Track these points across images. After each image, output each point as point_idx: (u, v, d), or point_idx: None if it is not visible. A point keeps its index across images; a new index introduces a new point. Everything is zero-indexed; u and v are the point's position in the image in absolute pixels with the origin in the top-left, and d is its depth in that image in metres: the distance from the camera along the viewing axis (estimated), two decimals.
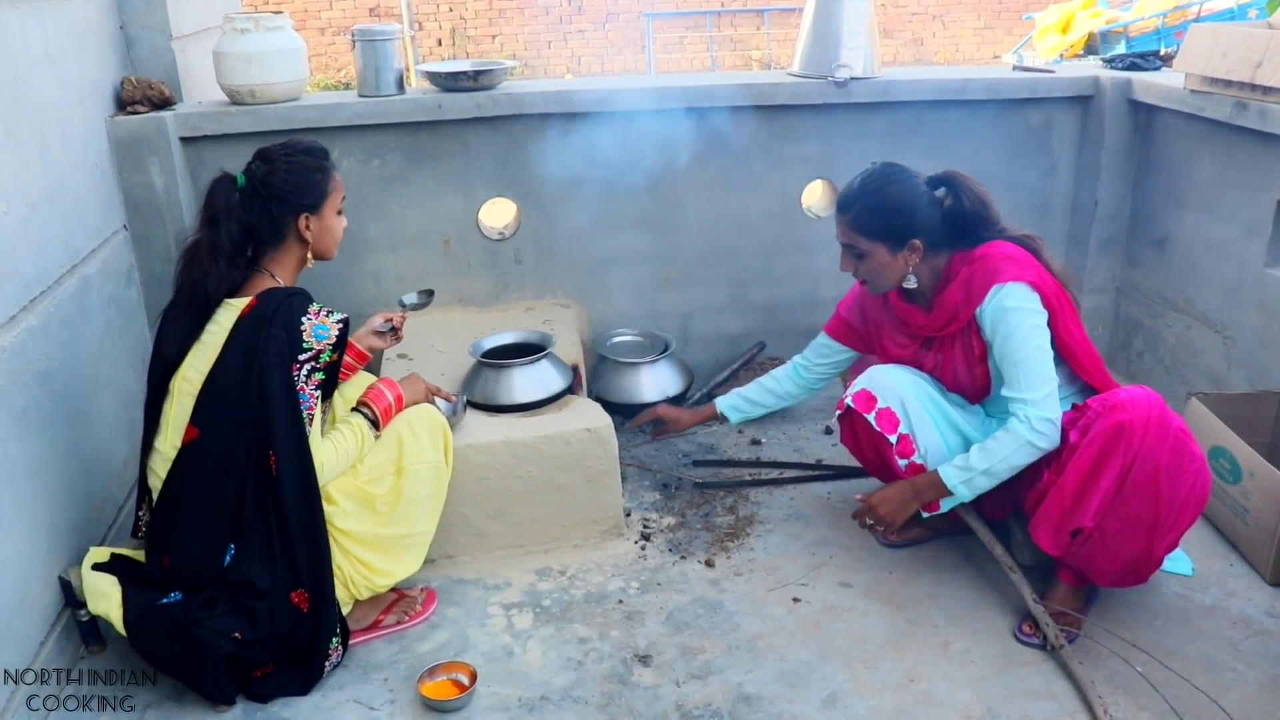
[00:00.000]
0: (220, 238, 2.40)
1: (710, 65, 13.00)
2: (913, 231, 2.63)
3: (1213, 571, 2.87)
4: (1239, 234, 3.38)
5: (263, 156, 2.48)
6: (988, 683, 2.48)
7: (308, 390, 2.41)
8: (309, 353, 2.39)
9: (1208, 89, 3.39)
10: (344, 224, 2.60)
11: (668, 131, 3.74)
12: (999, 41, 13.31)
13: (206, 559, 2.40)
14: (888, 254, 2.66)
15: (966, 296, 2.61)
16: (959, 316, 2.64)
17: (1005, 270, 2.56)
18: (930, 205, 2.65)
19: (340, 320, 2.44)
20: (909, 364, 2.82)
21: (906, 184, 2.65)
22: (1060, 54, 9.93)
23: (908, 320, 2.81)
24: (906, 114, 3.90)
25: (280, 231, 2.47)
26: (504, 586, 2.90)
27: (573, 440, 2.96)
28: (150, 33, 3.53)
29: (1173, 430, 2.40)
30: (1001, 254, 2.59)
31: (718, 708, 2.42)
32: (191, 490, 2.39)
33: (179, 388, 2.41)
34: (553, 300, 3.93)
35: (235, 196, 2.43)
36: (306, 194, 2.46)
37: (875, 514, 2.71)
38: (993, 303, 2.55)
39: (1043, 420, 2.49)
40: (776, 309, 4.12)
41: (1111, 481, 2.41)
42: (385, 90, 3.60)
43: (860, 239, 2.67)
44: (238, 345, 2.36)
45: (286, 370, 2.37)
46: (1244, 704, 2.37)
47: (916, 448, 2.74)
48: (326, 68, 12.41)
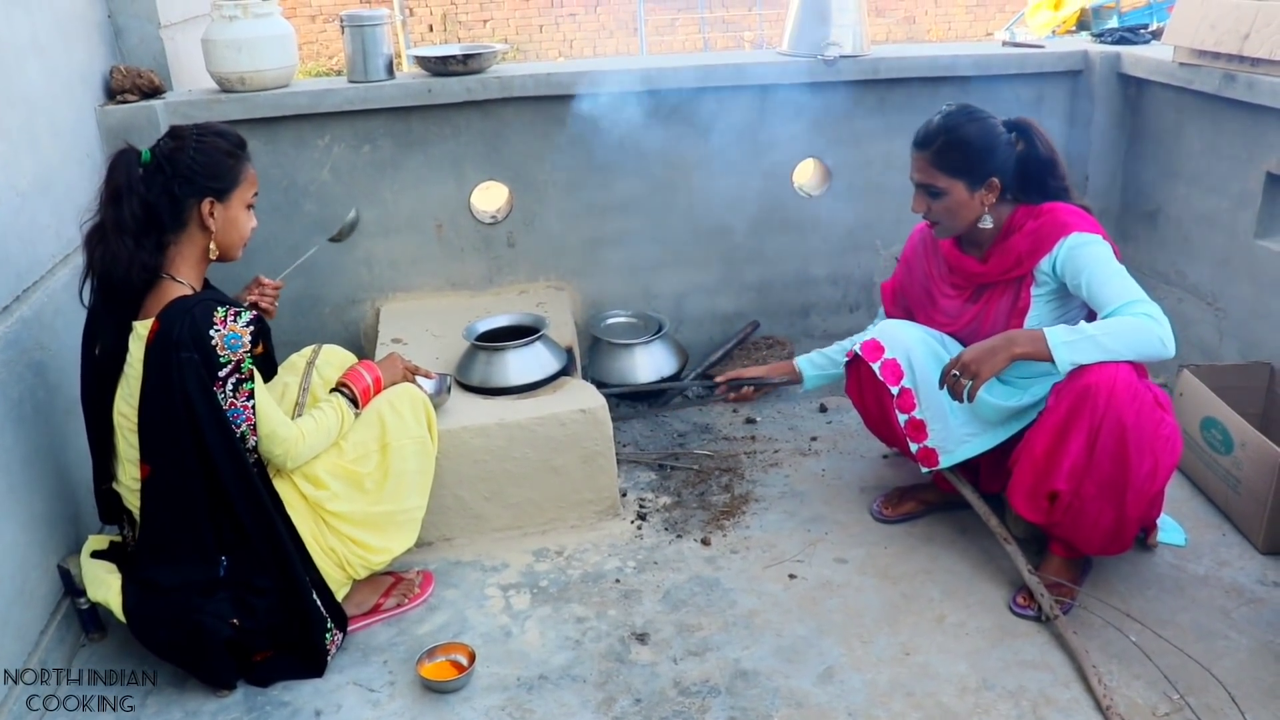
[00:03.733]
0: (123, 215, 2.24)
1: (703, 47, 12.96)
2: (992, 170, 2.62)
3: (1205, 541, 2.88)
4: (1229, 206, 3.39)
5: (173, 134, 2.34)
6: (983, 654, 2.50)
7: (239, 404, 2.31)
8: (228, 366, 2.27)
9: (1196, 61, 3.40)
10: (253, 224, 2.45)
11: (658, 112, 3.75)
12: (991, 19, 13.28)
13: (199, 573, 2.39)
14: (965, 192, 2.63)
15: (1033, 247, 2.62)
16: (1021, 264, 2.65)
17: (1074, 224, 2.57)
18: (1008, 146, 2.65)
19: (250, 321, 2.31)
20: (953, 315, 2.84)
21: (986, 123, 2.64)
22: (1052, 30, 9.91)
23: (961, 268, 2.80)
24: (897, 92, 3.90)
25: (181, 215, 2.31)
26: (501, 568, 2.91)
27: (568, 421, 2.97)
28: (138, 21, 3.53)
29: (1140, 393, 2.40)
30: (1069, 210, 2.62)
31: (715, 683, 2.43)
32: (166, 520, 2.37)
33: (119, 422, 2.36)
34: (546, 283, 3.94)
35: (138, 171, 2.28)
36: (213, 177, 2.32)
37: (962, 363, 2.48)
38: (1063, 249, 2.56)
39: (1161, 315, 2.41)
40: (769, 288, 4.13)
41: (1080, 444, 2.43)
42: (375, 76, 3.59)
43: (939, 175, 2.64)
44: (154, 376, 2.26)
45: (208, 392, 2.26)
46: (1236, 671, 2.39)
47: (918, 403, 2.76)
48: (317, 55, 12.38)
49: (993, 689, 2.38)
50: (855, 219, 4.07)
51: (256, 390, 2.34)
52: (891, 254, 4.15)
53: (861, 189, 4.03)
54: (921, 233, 3.00)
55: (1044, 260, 2.60)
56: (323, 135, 3.57)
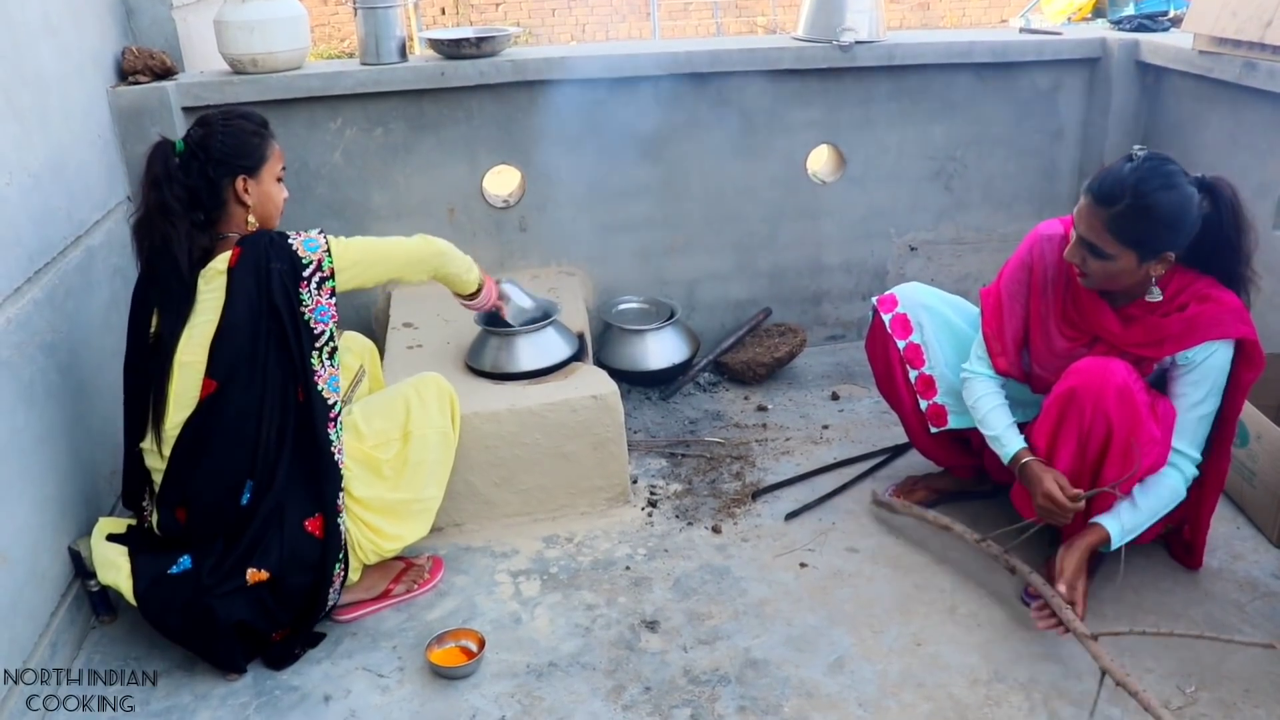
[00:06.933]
0: (167, 199, 2.37)
1: (715, 31, 12.89)
2: (1172, 245, 2.32)
3: (1219, 534, 2.86)
4: (1248, 196, 3.30)
5: (201, 122, 2.49)
6: (994, 646, 2.48)
7: (324, 301, 2.46)
8: (310, 266, 2.43)
9: (1216, 49, 3.36)
10: (284, 194, 2.59)
11: (672, 97, 3.72)
12: (1006, 4, 13.15)
13: (226, 499, 2.42)
14: (1135, 262, 2.32)
15: (1183, 333, 2.37)
16: (1162, 347, 2.40)
17: (1233, 330, 2.37)
18: (1198, 219, 2.31)
19: (319, 230, 2.51)
20: (1065, 359, 2.52)
21: (1181, 191, 2.27)
22: (1068, 17, 9.81)
23: (1095, 316, 2.51)
24: (912, 78, 3.87)
25: (219, 194, 2.45)
26: (511, 554, 2.91)
27: (579, 407, 2.96)
28: (151, 2, 3.52)
29: (1130, 396, 2.34)
30: (1235, 308, 2.38)
31: (725, 672, 2.43)
32: (211, 438, 2.40)
33: (181, 365, 2.39)
34: (558, 268, 3.92)
35: (174, 160, 2.42)
36: (243, 156, 2.46)
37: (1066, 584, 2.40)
38: (1203, 353, 2.39)
39: (1193, 470, 2.47)
40: (782, 275, 4.11)
41: (1072, 449, 2.42)
42: (387, 58, 3.58)
43: (1112, 241, 2.30)
44: (239, 295, 2.37)
45: (295, 301, 2.41)
46: (1250, 665, 2.38)
47: (927, 359, 2.80)
48: (329, 38, 12.34)
49: (1004, 681, 2.37)
50: (869, 206, 4.05)
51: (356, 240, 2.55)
52: (905, 242, 4.12)
53: (876, 176, 4.00)
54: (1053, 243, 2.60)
55: (1185, 351, 2.40)
56: (335, 118, 3.55)
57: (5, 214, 2.42)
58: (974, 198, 4.12)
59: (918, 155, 4.01)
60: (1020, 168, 4.09)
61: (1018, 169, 4.10)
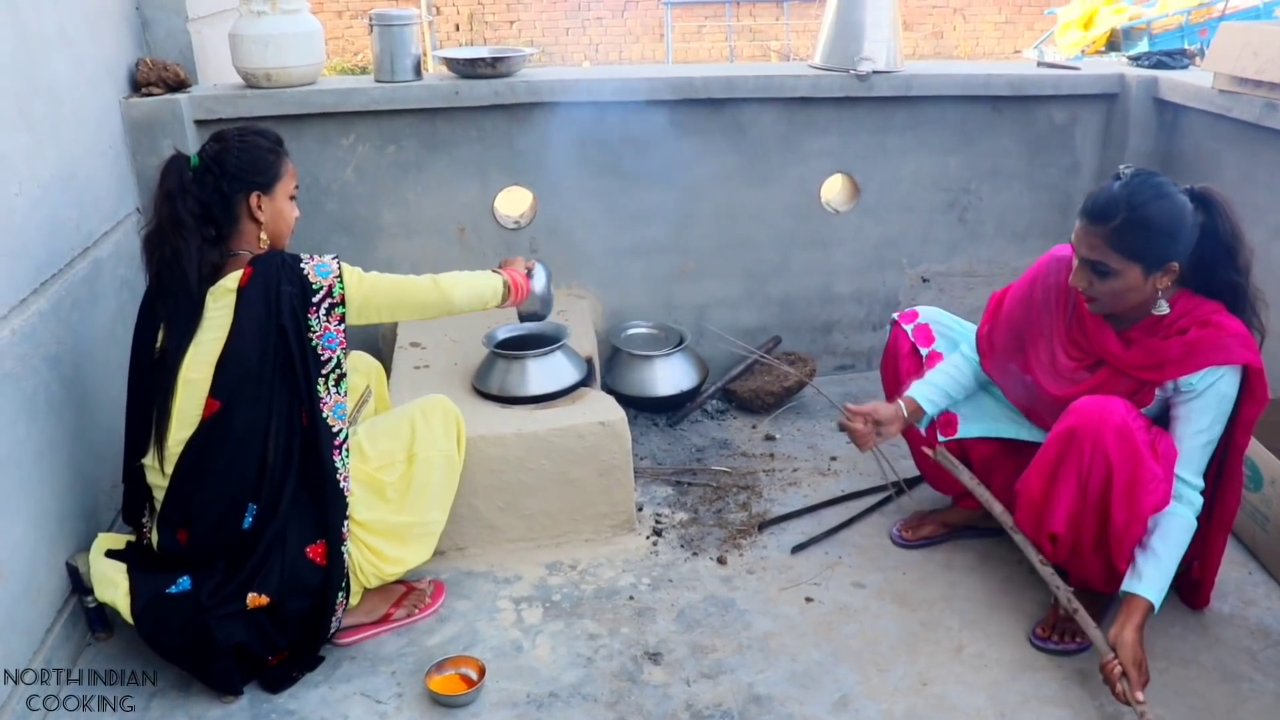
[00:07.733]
0: (180, 213, 2.37)
1: (728, 55, 12.93)
2: (1174, 254, 2.32)
3: (1230, 579, 2.82)
4: (1265, 237, 3.33)
5: (216, 138, 2.49)
6: (1002, 687, 2.44)
7: (332, 328, 2.45)
8: (320, 292, 2.42)
9: (1237, 89, 3.34)
10: (296, 213, 2.59)
11: (686, 122, 3.71)
12: (1020, 36, 13.22)
13: (227, 521, 2.39)
14: (1140, 276, 2.33)
15: (1184, 357, 2.36)
16: (1163, 371, 2.39)
17: (1237, 356, 2.34)
18: (1194, 227, 2.32)
19: (333, 256, 2.49)
20: (1068, 380, 2.56)
21: (1175, 200, 2.30)
22: (1082, 50, 9.86)
23: (1097, 338, 2.51)
24: (929, 109, 3.85)
25: (232, 210, 2.44)
26: (514, 580, 2.87)
27: (586, 433, 2.93)
28: (166, 14, 3.50)
29: (1129, 434, 2.32)
30: (1239, 333, 2.36)
31: (728, 708, 2.39)
32: (214, 458, 2.38)
33: (185, 382, 2.37)
34: (567, 291, 3.90)
35: (189, 174, 2.41)
36: (257, 172, 2.46)
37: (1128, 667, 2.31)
38: (1206, 380, 2.36)
39: (1199, 501, 2.42)
40: (793, 303, 4.09)
41: (1072, 489, 2.39)
42: (402, 76, 3.57)
43: (1114, 256, 2.31)
44: (247, 315, 2.36)
45: (303, 326, 2.41)
46: (1262, 715, 2.34)
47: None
48: (343, 51, 12.39)
49: None
50: (882, 237, 4.03)
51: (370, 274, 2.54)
52: (918, 273, 4.10)
53: (889, 206, 3.98)
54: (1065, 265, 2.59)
55: (1187, 377, 2.37)
56: (347, 134, 3.54)
57: (14, 225, 2.40)
58: (987, 230, 4.10)
59: (932, 186, 3.99)
60: (1034, 201, 4.07)
61: (1032, 202, 4.08)
